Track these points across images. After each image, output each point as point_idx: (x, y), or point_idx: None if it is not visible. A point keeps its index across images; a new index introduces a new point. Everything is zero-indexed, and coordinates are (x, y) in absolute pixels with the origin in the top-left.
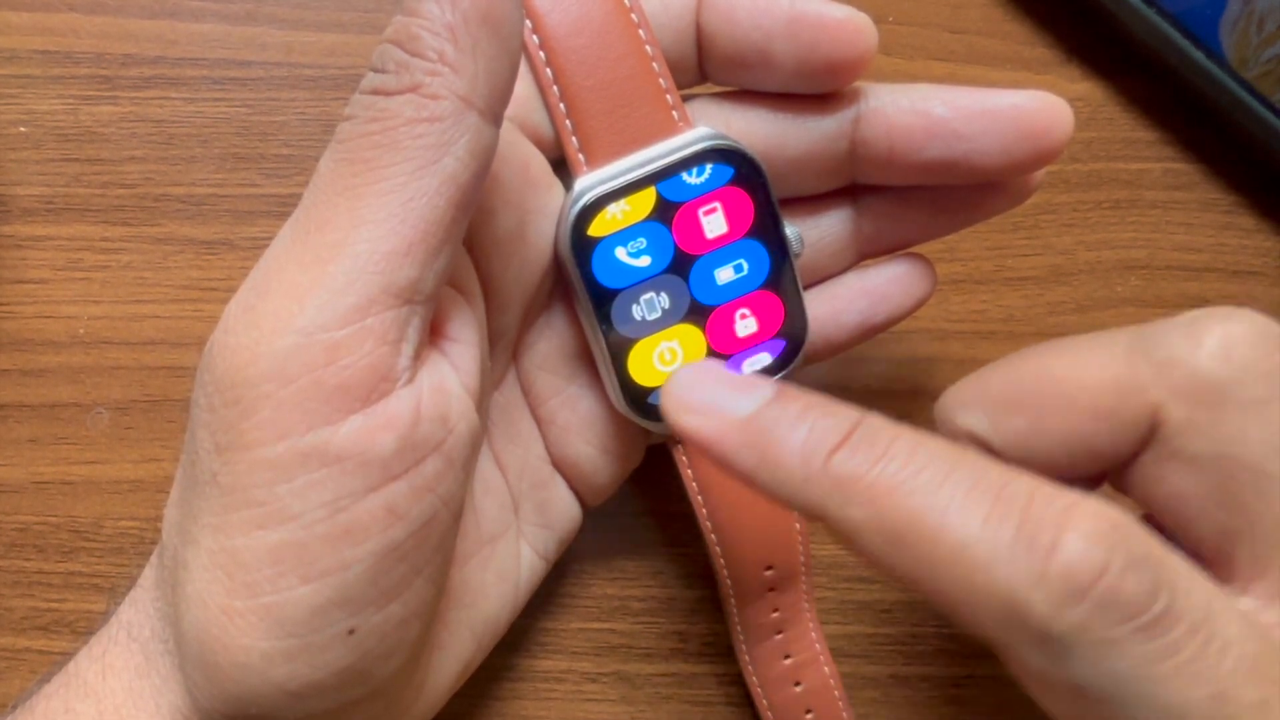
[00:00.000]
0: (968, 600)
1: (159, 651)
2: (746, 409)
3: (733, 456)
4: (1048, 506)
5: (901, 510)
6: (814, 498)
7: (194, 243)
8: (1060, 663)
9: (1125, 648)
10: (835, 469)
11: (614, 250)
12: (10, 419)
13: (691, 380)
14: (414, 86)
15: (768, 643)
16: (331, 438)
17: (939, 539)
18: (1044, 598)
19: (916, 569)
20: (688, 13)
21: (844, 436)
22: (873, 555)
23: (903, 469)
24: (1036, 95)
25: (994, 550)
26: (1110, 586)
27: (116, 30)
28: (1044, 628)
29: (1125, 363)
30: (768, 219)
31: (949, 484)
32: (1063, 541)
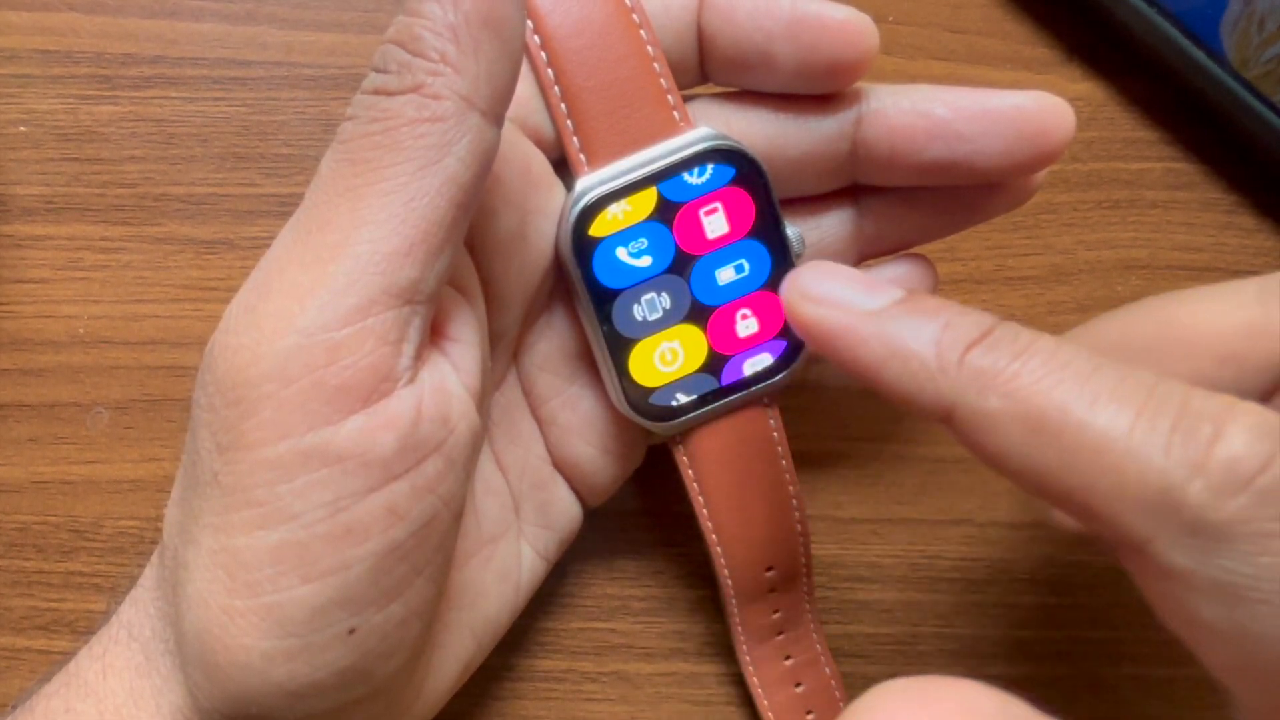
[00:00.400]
0: (1113, 490)
1: (160, 651)
2: (877, 303)
3: (859, 349)
4: (1206, 403)
5: (1046, 399)
6: (946, 390)
7: (194, 243)
8: (1210, 556)
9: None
10: (973, 361)
11: (615, 250)
12: (10, 419)
13: (818, 273)
14: (416, 87)
15: (768, 643)
16: (332, 438)
17: (1086, 428)
18: (1203, 486)
19: (1057, 459)
20: (689, 13)
21: (983, 333)
22: (1006, 448)
23: (1045, 364)
24: (1037, 96)
25: (1148, 439)
26: (1275, 478)
27: (116, 30)
28: (1200, 516)
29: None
30: (769, 220)
31: (1096, 379)
32: (1226, 433)
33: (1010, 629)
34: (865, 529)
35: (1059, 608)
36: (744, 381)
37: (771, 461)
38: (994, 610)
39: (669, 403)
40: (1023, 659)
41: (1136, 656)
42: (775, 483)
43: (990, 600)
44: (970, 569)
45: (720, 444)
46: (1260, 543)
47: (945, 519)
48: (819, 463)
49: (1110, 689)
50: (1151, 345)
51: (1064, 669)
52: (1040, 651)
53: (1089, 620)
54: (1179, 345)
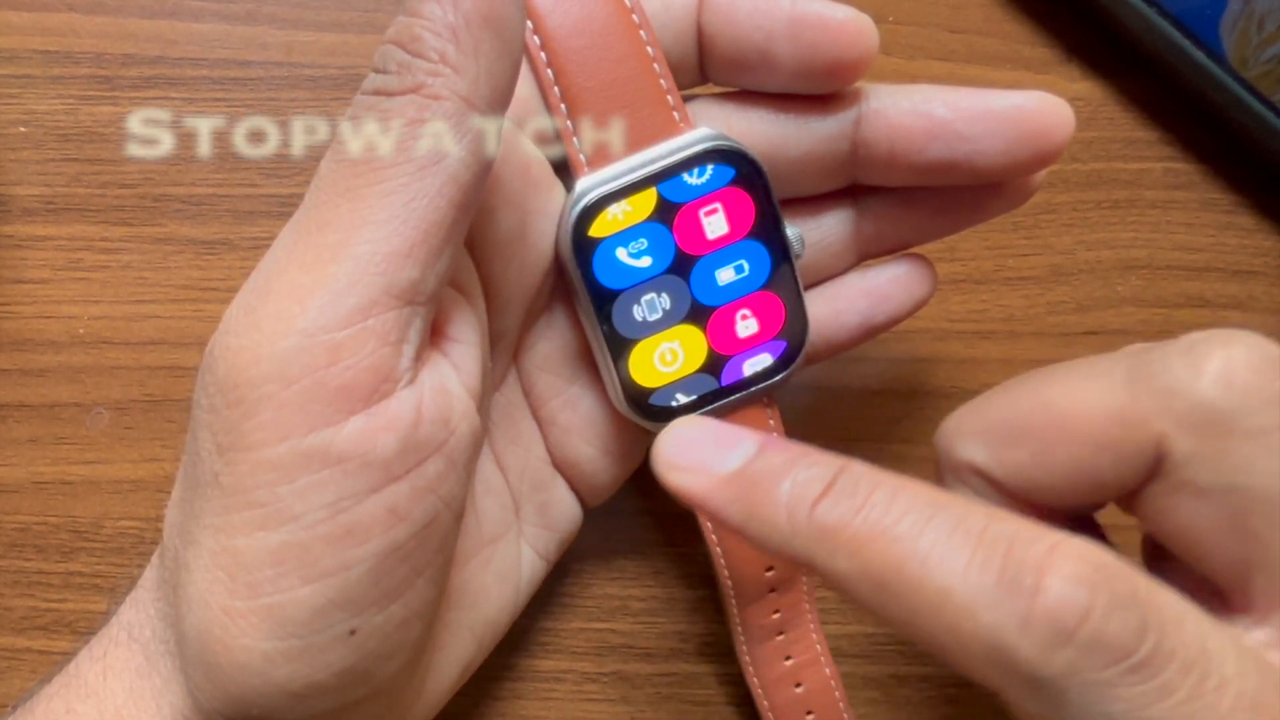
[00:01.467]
0: (956, 645)
1: (160, 652)
2: (733, 465)
3: (723, 512)
4: (1029, 548)
5: (885, 558)
6: (801, 549)
7: (194, 243)
8: (1054, 706)
9: (1118, 690)
10: (819, 519)
11: (615, 251)
12: (10, 419)
13: (679, 438)
14: (416, 87)
15: (769, 644)
16: (333, 439)
17: (922, 586)
18: (1030, 642)
19: (904, 616)
20: (689, 14)
21: (826, 487)
22: (862, 603)
23: (884, 515)
24: (1037, 96)
25: (977, 595)
26: (1095, 629)
27: (116, 30)
28: (1033, 672)
29: (1126, 392)
30: (769, 220)
31: (930, 529)
32: (1045, 584)
33: None
34: None
35: None
36: (744, 381)
37: None
38: None
39: (669, 403)
40: None
41: None
42: None
43: None
44: None
45: None
46: (1094, 693)
47: None
48: None
49: None
50: (1035, 430)
51: None
52: None
53: None
54: (1056, 432)
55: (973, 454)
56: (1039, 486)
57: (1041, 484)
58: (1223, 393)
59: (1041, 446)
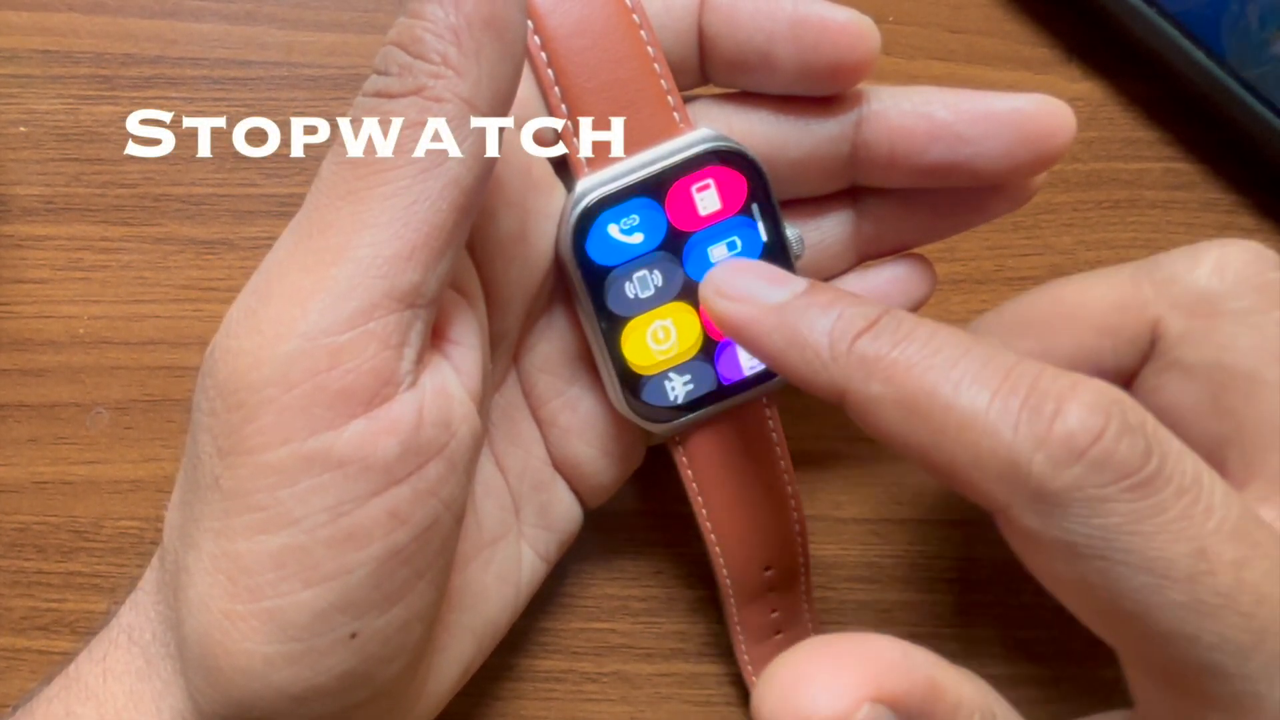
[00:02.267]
0: (974, 464)
1: (160, 655)
2: (780, 297)
3: (764, 339)
4: (1053, 382)
5: (918, 384)
6: (838, 376)
7: (194, 243)
8: (1053, 520)
9: (1115, 505)
10: (860, 349)
11: (606, 227)
12: (10, 419)
13: (729, 271)
14: (418, 89)
15: (767, 643)
16: (334, 442)
17: (951, 409)
18: (1044, 458)
19: (928, 438)
20: (690, 15)
21: (870, 323)
22: (888, 428)
23: (922, 349)
24: (1038, 99)
25: (1001, 417)
26: (1105, 449)
27: (116, 30)
28: (1042, 485)
29: (1130, 284)
30: (769, 221)
31: (963, 362)
32: (1065, 410)
33: (1010, 629)
34: (865, 529)
35: (1059, 608)
36: (743, 382)
37: (770, 462)
38: (994, 610)
39: (664, 392)
40: (1023, 659)
41: None
42: (774, 483)
43: (990, 600)
44: (970, 569)
45: (719, 444)
46: (1094, 506)
47: (945, 519)
48: (819, 463)
49: (1110, 689)
50: (1044, 321)
51: (1064, 669)
52: (1040, 651)
53: None
54: (1065, 320)
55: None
56: None
57: None
58: (1215, 279)
59: (1049, 333)
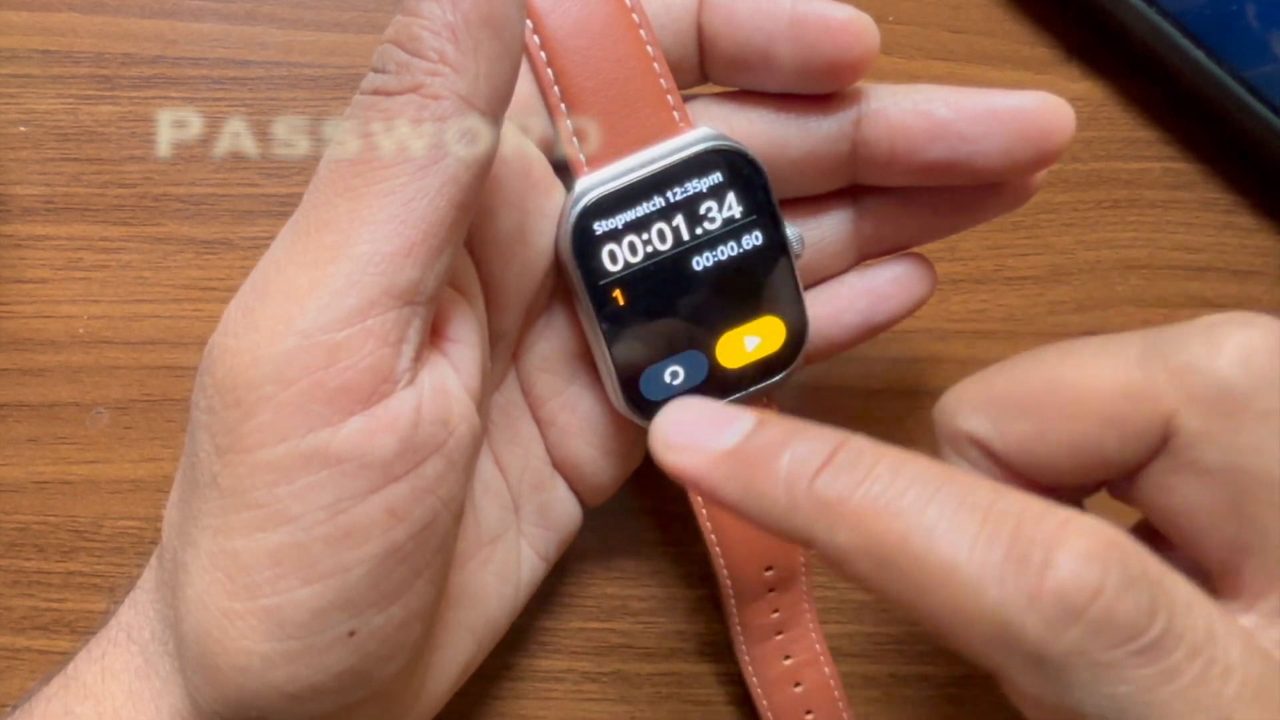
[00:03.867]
0: (959, 623)
1: (159, 653)
2: (730, 441)
3: (719, 489)
4: (1039, 524)
5: (888, 532)
6: (801, 524)
7: (194, 243)
8: (1057, 687)
9: (1124, 672)
10: (820, 492)
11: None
12: (10, 419)
13: (675, 417)
14: (415, 87)
15: (768, 643)
16: (332, 439)
17: (927, 561)
18: (1037, 620)
19: (906, 592)
20: (689, 13)
21: (826, 459)
22: (863, 579)
23: (888, 489)
24: (1038, 96)
25: (984, 571)
26: (1106, 607)
27: (116, 30)
28: (1039, 651)
29: (1139, 368)
30: (769, 219)
31: (935, 503)
32: (1055, 560)
33: None
34: None
35: None
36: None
37: None
38: None
39: (663, 383)
40: None
41: None
42: None
43: None
44: None
45: None
46: (1102, 673)
47: None
48: None
49: None
50: (1040, 404)
51: None
52: None
53: None
54: (1064, 404)
55: (974, 425)
56: (1040, 461)
57: (1043, 459)
58: (1239, 372)
59: (1046, 419)
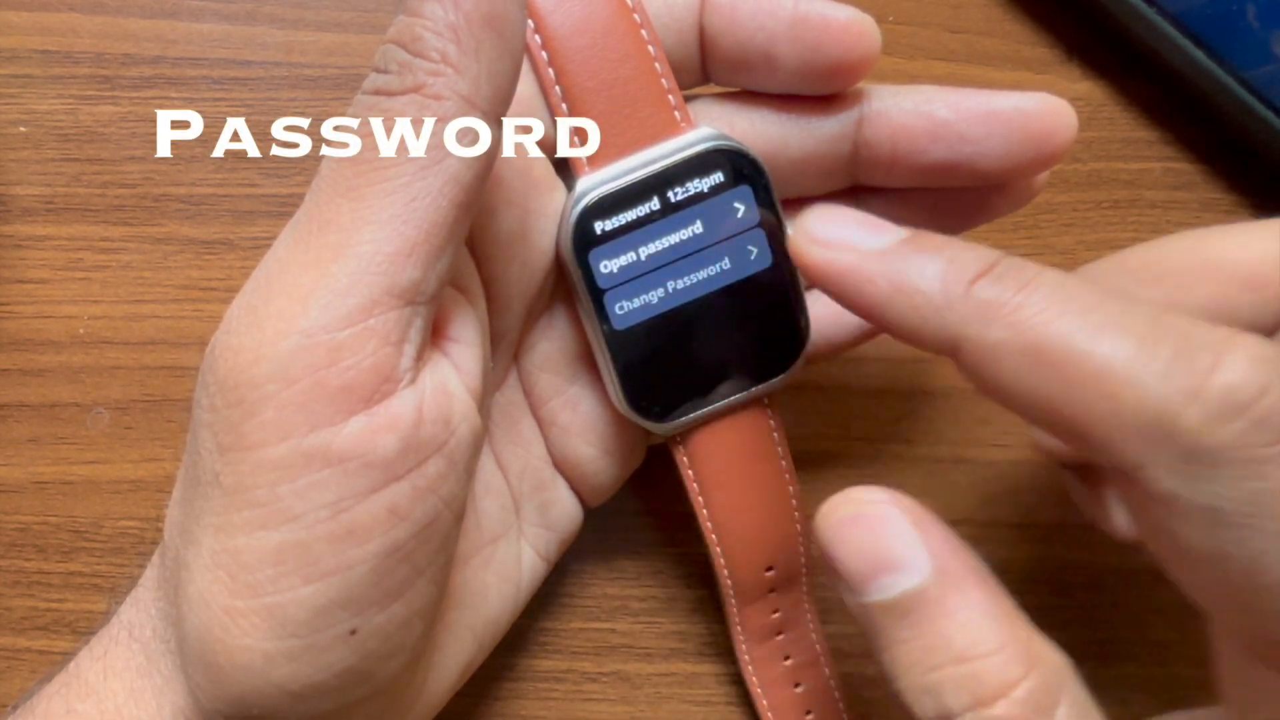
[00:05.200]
0: (1111, 417)
1: (161, 652)
2: (882, 243)
3: (867, 287)
4: (1207, 334)
5: (1049, 330)
6: (953, 323)
7: (194, 243)
8: (1200, 481)
9: (1273, 467)
10: (978, 293)
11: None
12: (10, 419)
13: (822, 217)
14: (417, 87)
15: (768, 644)
16: (334, 439)
17: (1088, 356)
18: (1199, 412)
19: (1058, 389)
20: (690, 13)
21: (988, 266)
22: (1010, 380)
23: (1049, 296)
24: (1040, 97)
25: (1148, 367)
26: (1271, 406)
27: (116, 30)
28: (1194, 441)
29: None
30: (770, 220)
31: (1100, 310)
32: (1224, 362)
33: None
34: None
35: (1059, 608)
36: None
37: (771, 461)
38: None
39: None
40: None
41: (1136, 657)
42: (775, 483)
43: None
44: None
45: (720, 444)
46: (1251, 468)
47: (945, 519)
48: (819, 463)
49: (1110, 689)
50: (1178, 269)
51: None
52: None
53: (1089, 620)
54: (1205, 269)
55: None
56: None
57: None
58: None
59: (1185, 283)
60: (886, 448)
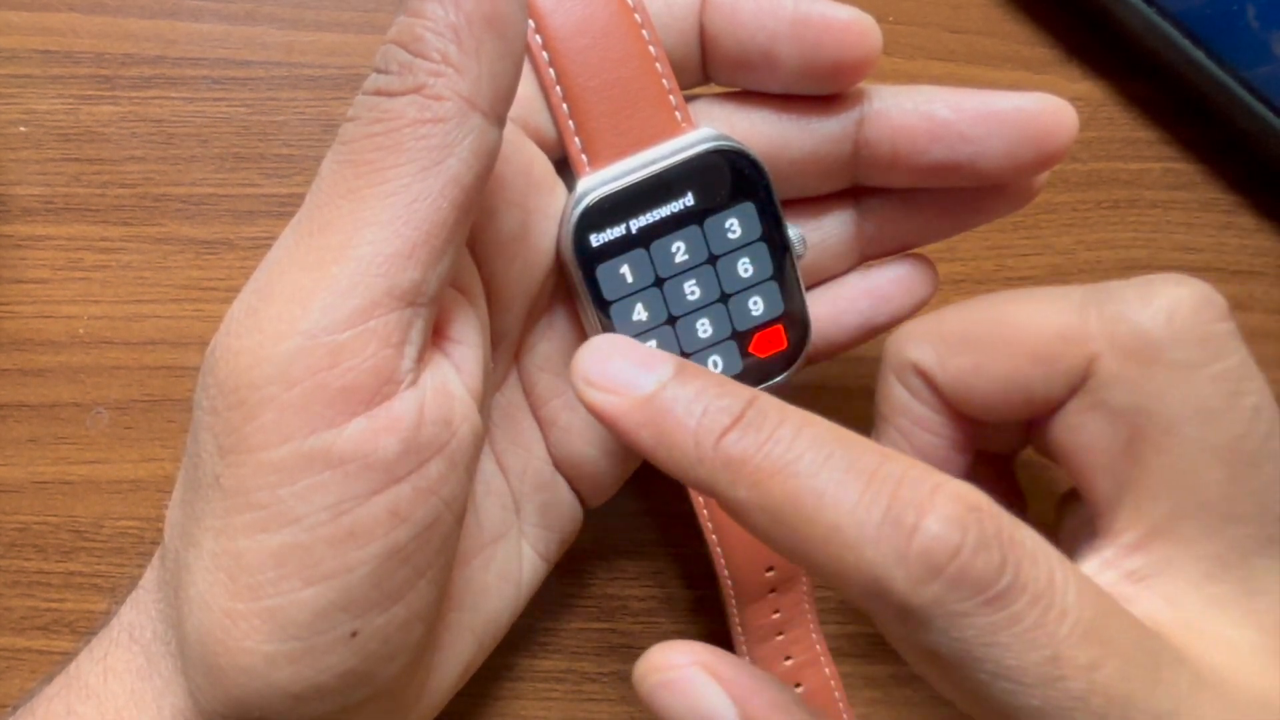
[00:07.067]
0: (841, 576)
1: (161, 653)
2: (647, 387)
3: (634, 434)
4: (915, 489)
5: (783, 492)
6: (705, 477)
7: (194, 243)
8: (918, 632)
9: (973, 619)
10: (725, 450)
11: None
12: (10, 419)
13: (597, 354)
14: (417, 87)
15: (768, 644)
16: (335, 440)
17: (816, 519)
18: (904, 575)
19: (796, 546)
20: (691, 14)
21: (735, 419)
22: (758, 532)
23: (787, 451)
24: (1040, 98)
25: (863, 531)
26: (961, 565)
27: (116, 30)
28: (904, 602)
29: (1076, 313)
30: (770, 220)
31: (828, 466)
32: (923, 524)
33: None
34: None
35: None
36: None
37: None
38: None
39: None
40: None
41: None
42: None
43: None
44: None
45: None
46: (952, 621)
47: None
48: None
49: None
50: (983, 339)
51: None
52: None
53: None
54: (1003, 343)
55: (920, 355)
56: (973, 393)
57: (977, 391)
58: (1161, 325)
59: (985, 355)
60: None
